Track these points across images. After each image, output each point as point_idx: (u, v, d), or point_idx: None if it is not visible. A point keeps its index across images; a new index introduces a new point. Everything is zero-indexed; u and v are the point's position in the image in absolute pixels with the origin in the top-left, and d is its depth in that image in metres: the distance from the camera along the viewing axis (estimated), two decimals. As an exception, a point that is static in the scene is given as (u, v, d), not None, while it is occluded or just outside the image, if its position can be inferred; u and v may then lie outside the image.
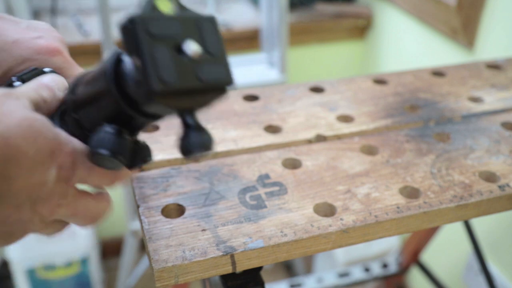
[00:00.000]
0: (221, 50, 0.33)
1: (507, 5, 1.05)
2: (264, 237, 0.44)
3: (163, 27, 0.29)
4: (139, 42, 0.28)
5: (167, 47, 0.29)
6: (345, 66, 1.75)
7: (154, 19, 0.29)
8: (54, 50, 0.42)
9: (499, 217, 1.12)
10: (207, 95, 0.32)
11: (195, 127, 0.31)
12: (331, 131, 0.60)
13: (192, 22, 0.31)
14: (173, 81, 0.29)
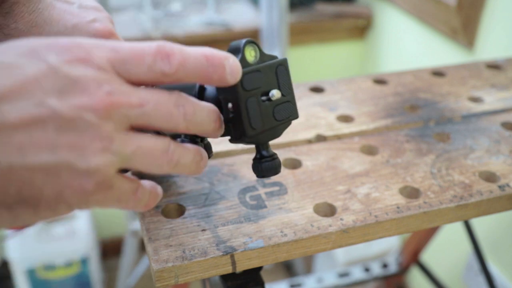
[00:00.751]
0: (291, 89, 0.38)
1: (507, 5, 1.05)
2: (264, 237, 0.44)
3: (253, 81, 0.35)
4: (237, 96, 0.33)
5: (255, 98, 0.35)
6: (345, 66, 1.75)
7: (247, 74, 0.34)
8: (109, 33, 0.43)
9: (499, 217, 1.12)
10: (279, 129, 0.38)
11: (268, 157, 0.37)
12: (331, 131, 0.60)
13: (272, 70, 0.36)
14: (260, 126, 0.35)
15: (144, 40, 1.49)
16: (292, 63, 1.61)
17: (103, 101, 0.27)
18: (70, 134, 0.26)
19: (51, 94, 0.26)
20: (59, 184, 0.26)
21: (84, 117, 0.26)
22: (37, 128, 0.25)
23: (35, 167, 0.25)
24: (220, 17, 1.57)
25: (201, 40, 1.51)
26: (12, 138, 0.25)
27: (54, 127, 0.26)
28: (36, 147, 0.25)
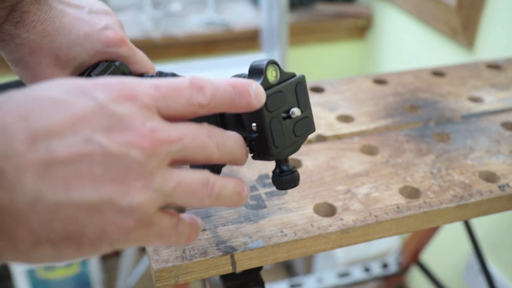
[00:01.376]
0: (308, 105, 0.39)
1: (507, 5, 1.05)
2: (264, 237, 0.44)
3: (276, 102, 0.36)
4: (262, 118, 0.35)
5: (278, 118, 0.36)
6: (345, 66, 1.75)
7: (270, 96, 0.35)
8: (121, 41, 0.44)
9: (499, 217, 1.12)
10: (298, 144, 0.39)
11: (288, 171, 0.38)
12: (331, 131, 0.60)
13: (292, 88, 0.37)
14: (282, 144, 0.37)
15: (144, 40, 1.49)
16: (292, 63, 1.61)
17: (148, 138, 0.27)
18: (115, 171, 0.26)
19: (99, 131, 0.26)
20: (102, 221, 0.26)
21: (130, 154, 0.27)
22: (84, 164, 0.25)
23: (80, 203, 0.25)
24: (220, 17, 1.57)
25: (201, 40, 1.51)
26: (59, 173, 0.25)
27: (100, 163, 0.26)
28: (82, 183, 0.25)
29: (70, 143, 0.25)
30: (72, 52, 0.42)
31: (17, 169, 0.24)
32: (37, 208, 0.24)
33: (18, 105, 0.25)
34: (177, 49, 1.51)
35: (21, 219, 0.24)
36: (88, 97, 0.27)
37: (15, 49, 0.41)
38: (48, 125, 0.25)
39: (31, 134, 0.24)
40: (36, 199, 0.24)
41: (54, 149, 0.25)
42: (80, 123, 0.26)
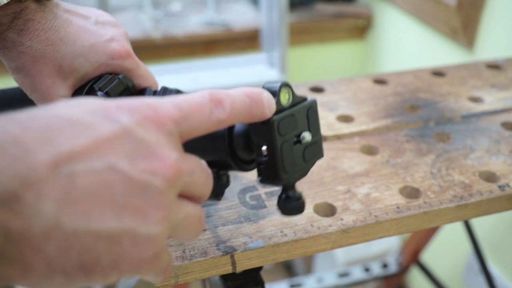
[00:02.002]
0: (318, 129, 0.39)
1: (507, 5, 1.05)
2: (264, 237, 0.44)
3: (288, 126, 0.35)
4: (273, 142, 0.34)
5: (289, 142, 0.35)
6: (345, 66, 1.75)
7: (283, 120, 0.35)
8: (126, 54, 0.44)
9: (499, 217, 1.12)
10: (307, 169, 0.38)
11: (294, 197, 0.36)
12: (331, 131, 0.60)
13: (304, 112, 0.37)
14: (292, 170, 0.36)
15: (144, 40, 1.49)
16: (292, 63, 1.61)
17: (173, 167, 0.27)
18: (137, 200, 0.25)
19: (123, 157, 0.25)
20: (119, 251, 0.25)
21: (153, 183, 0.26)
22: (106, 192, 0.25)
23: (99, 232, 0.24)
24: (220, 17, 1.57)
25: (201, 40, 1.51)
26: (80, 201, 0.24)
27: (122, 192, 0.25)
28: (103, 212, 0.24)
29: (93, 169, 0.24)
30: (76, 63, 0.42)
31: (37, 196, 0.23)
32: (55, 236, 0.23)
33: (41, 126, 0.24)
34: (177, 49, 1.51)
35: (36, 248, 0.23)
36: (112, 120, 0.26)
37: (17, 56, 0.40)
38: (72, 149, 0.24)
39: (54, 158, 0.23)
40: (54, 227, 0.23)
41: (77, 175, 0.24)
42: (105, 148, 0.25)
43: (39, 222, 0.23)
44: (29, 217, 0.23)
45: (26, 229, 0.23)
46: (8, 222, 0.22)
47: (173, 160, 0.27)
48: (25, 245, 0.23)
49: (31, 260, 0.23)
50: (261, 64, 1.51)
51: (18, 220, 0.22)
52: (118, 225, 0.25)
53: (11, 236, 0.22)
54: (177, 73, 1.45)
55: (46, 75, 0.41)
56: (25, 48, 0.40)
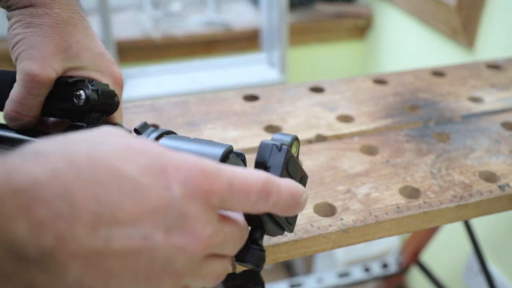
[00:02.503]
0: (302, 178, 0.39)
1: (507, 5, 1.05)
2: (264, 237, 0.44)
3: (292, 167, 0.36)
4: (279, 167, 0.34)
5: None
6: (345, 66, 1.75)
7: (293, 158, 0.36)
8: (120, 81, 0.45)
9: (499, 217, 1.12)
10: (279, 232, 0.38)
11: (259, 247, 0.35)
12: (331, 131, 0.60)
13: (300, 175, 0.38)
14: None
15: (144, 40, 1.48)
16: (292, 63, 1.61)
17: (203, 244, 0.27)
18: (156, 269, 0.26)
19: (160, 229, 0.26)
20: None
21: (178, 258, 0.26)
22: (132, 259, 0.25)
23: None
24: (220, 17, 1.57)
25: (201, 40, 1.51)
26: (106, 264, 0.24)
27: (147, 260, 0.25)
28: (122, 277, 0.25)
29: (129, 236, 0.25)
30: (82, 54, 0.43)
31: (70, 256, 0.23)
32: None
33: (94, 180, 0.24)
34: (177, 49, 1.51)
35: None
36: (165, 187, 0.26)
37: (40, 14, 0.41)
38: (116, 213, 0.24)
39: (97, 219, 0.23)
40: (74, 285, 0.23)
41: (112, 240, 0.24)
42: (147, 217, 0.25)
43: (62, 280, 0.23)
44: (55, 275, 0.23)
45: (49, 286, 0.23)
46: (35, 279, 0.22)
47: (205, 237, 0.27)
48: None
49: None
50: (261, 64, 1.51)
51: (44, 277, 0.22)
52: (131, 287, 0.26)
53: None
54: (177, 73, 1.45)
55: (54, 43, 0.41)
56: (52, 12, 0.41)
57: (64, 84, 0.42)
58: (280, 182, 0.31)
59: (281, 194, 0.31)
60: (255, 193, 0.29)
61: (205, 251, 0.28)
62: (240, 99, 0.66)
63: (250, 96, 0.67)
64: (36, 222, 0.22)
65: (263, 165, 0.35)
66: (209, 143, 0.36)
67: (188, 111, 0.63)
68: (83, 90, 0.41)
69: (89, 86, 0.41)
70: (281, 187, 0.31)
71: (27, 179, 0.22)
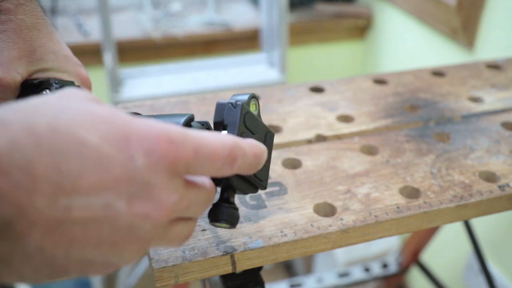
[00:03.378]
0: (269, 159, 0.40)
1: (507, 5, 1.05)
2: (264, 237, 0.44)
3: (251, 123, 0.37)
4: (236, 123, 0.35)
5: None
6: (345, 66, 1.75)
7: (250, 113, 0.36)
8: (88, 81, 0.46)
9: (499, 217, 1.12)
10: (251, 189, 0.38)
11: (231, 203, 0.36)
12: (331, 131, 0.60)
13: (263, 132, 0.39)
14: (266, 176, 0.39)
15: (144, 40, 1.48)
16: (292, 63, 1.61)
17: (166, 211, 0.27)
18: (120, 236, 0.26)
19: (123, 198, 0.26)
20: (88, 270, 0.27)
21: (141, 225, 0.27)
22: (94, 227, 0.25)
23: (75, 261, 0.25)
24: (220, 17, 1.57)
25: (201, 40, 1.51)
26: (67, 232, 0.24)
27: (109, 230, 0.26)
28: (84, 245, 0.25)
29: (90, 205, 0.25)
30: (47, 57, 0.43)
31: (29, 225, 0.23)
32: (33, 261, 0.24)
33: (55, 149, 0.24)
34: (177, 49, 1.51)
35: (13, 268, 0.24)
36: (128, 157, 0.26)
37: (3, 20, 0.41)
38: (77, 182, 0.24)
39: (57, 189, 0.23)
40: (35, 253, 0.24)
41: (72, 209, 0.24)
42: (109, 187, 0.25)
43: (22, 249, 0.23)
44: (15, 244, 0.23)
45: (8, 254, 0.23)
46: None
47: (170, 205, 0.28)
48: (3, 266, 0.24)
49: (5, 275, 0.24)
50: (261, 64, 1.51)
51: (5, 246, 0.23)
52: (95, 257, 0.26)
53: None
54: (177, 73, 1.45)
55: (18, 47, 0.42)
56: (16, 18, 0.42)
57: (30, 86, 0.42)
58: (245, 146, 0.31)
59: (245, 157, 0.31)
60: (221, 159, 0.29)
61: (170, 216, 0.28)
62: (240, 99, 0.66)
63: (250, 96, 0.67)
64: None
65: (221, 125, 0.35)
66: (171, 115, 0.37)
67: (188, 111, 0.63)
68: (48, 89, 0.42)
69: (54, 84, 0.42)
70: (246, 151, 0.31)
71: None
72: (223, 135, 0.30)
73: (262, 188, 0.39)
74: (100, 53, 1.31)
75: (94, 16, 1.50)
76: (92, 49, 1.38)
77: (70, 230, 0.24)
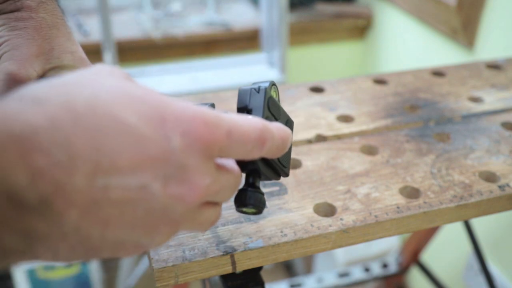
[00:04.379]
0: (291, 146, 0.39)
1: (507, 5, 1.05)
2: (264, 237, 0.44)
3: (274, 108, 0.37)
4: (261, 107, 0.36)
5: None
6: (345, 66, 1.75)
7: (273, 98, 0.37)
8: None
9: (499, 217, 1.12)
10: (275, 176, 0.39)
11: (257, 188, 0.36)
12: (331, 131, 0.60)
13: (285, 118, 0.39)
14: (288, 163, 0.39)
15: (144, 40, 1.48)
16: (292, 63, 1.61)
17: (200, 194, 0.28)
18: (152, 217, 0.26)
19: (158, 179, 0.26)
20: (121, 252, 0.27)
21: (175, 207, 0.27)
22: (129, 208, 0.25)
23: (109, 242, 0.26)
24: (220, 17, 1.57)
25: (201, 40, 1.51)
26: (103, 213, 0.24)
27: (144, 209, 0.26)
28: (119, 226, 0.25)
29: (127, 186, 0.25)
30: (64, 57, 0.43)
31: (67, 204, 0.23)
32: (68, 240, 0.24)
33: (93, 128, 0.24)
34: (177, 49, 1.51)
35: (50, 247, 0.24)
36: (165, 138, 0.26)
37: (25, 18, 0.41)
38: (115, 163, 0.24)
39: (96, 168, 0.24)
40: (71, 232, 0.24)
41: (110, 189, 0.24)
42: (146, 167, 0.25)
43: (60, 228, 0.23)
44: (54, 224, 0.23)
45: (45, 232, 0.23)
46: (33, 226, 0.23)
47: (203, 188, 0.28)
48: (40, 244, 0.24)
49: (39, 252, 0.24)
50: (261, 64, 1.51)
51: (42, 225, 0.23)
52: (128, 238, 0.26)
53: (31, 236, 0.23)
54: (177, 73, 1.45)
55: (37, 45, 0.42)
56: (37, 16, 0.42)
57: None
58: (273, 129, 0.32)
59: (274, 140, 0.31)
60: (252, 142, 0.30)
61: (202, 199, 0.28)
62: (240, 99, 0.66)
63: (250, 96, 0.67)
64: (34, 170, 0.22)
65: (245, 109, 0.36)
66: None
67: (188, 111, 0.63)
68: None
69: None
70: (274, 134, 0.32)
71: (26, 127, 0.22)
72: (252, 117, 0.31)
73: (284, 174, 0.39)
74: (100, 53, 1.31)
75: (94, 16, 1.50)
76: (92, 49, 1.38)
77: (107, 210, 0.24)
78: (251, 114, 0.36)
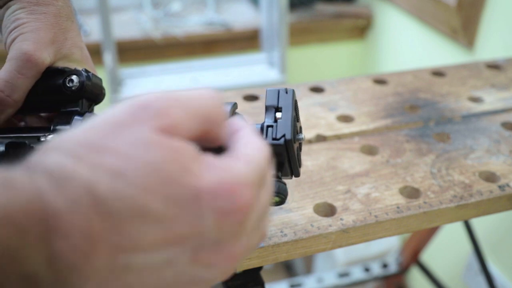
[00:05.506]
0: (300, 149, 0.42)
1: (507, 5, 1.05)
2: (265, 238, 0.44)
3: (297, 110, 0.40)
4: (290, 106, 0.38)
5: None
6: (345, 66, 1.75)
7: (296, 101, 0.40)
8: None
9: (499, 217, 1.12)
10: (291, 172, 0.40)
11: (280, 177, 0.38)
12: (331, 131, 0.60)
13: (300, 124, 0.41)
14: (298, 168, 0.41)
15: (144, 40, 1.48)
16: (292, 63, 1.61)
17: (233, 261, 0.26)
18: (179, 283, 0.25)
19: (188, 253, 0.24)
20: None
21: (205, 273, 0.26)
22: (154, 278, 0.24)
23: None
24: (220, 17, 1.57)
25: (201, 40, 1.51)
26: (124, 281, 0.23)
27: (171, 278, 0.25)
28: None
29: (150, 262, 0.23)
30: (74, 49, 0.44)
31: (83, 281, 0.22)
32: None
33: (115, 213, 0.23)
34: (177, 49, 1.51)
35: None
36: (197, 217, 0.24)
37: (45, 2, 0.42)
38: (138, 243, 0.23)
39: (116, 249, 0.23)
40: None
41: (132, 268, 0.23)
42: (172, 244, 0.24)
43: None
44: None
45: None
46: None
47: (236, 255, 0.26)
48: None
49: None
50: (261, 64, 1.51)
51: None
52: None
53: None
54: (177, 73, 1.45)
55: (55, 32, 0.43)
56: (57, 4, 0.43)
57: (54, 72, 0.42)
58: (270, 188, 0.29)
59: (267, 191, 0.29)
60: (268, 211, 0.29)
61: (232, 266, 0.27)
62: (240, 99, 0.66)
63: (250, 96, 0.67)
64: (52, 254, 0.22)
65: (274, 107, 0.39)
66: None
67: (188, 111, 0.63)
68: (75, 75, 0.42)
69: (82, 72, 0.42)
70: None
71: (48, 210, 0.22)
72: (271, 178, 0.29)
73: (296, 174, 0.40)
74: (100, 53, 1.31)
75: (94, 16, 1.50)
76: (92, 49, 1.37)
77: (128, 279, 0.23)
78: (280, 112, 0.38)
